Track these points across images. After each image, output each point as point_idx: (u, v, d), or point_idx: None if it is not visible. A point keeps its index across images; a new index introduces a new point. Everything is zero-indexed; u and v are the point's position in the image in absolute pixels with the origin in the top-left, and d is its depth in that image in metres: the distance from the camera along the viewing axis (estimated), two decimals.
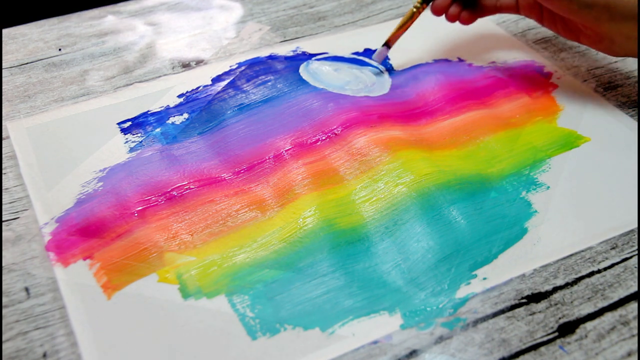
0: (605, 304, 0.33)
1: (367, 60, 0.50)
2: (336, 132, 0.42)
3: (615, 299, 0.33)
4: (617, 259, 0.35)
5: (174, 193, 0.38)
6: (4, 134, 0.43)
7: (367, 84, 0.48)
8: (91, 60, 0.50)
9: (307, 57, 0.50)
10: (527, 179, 0.40)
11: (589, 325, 0.32)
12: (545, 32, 0.53)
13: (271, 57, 0.50)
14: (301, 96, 0.45)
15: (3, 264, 0.34)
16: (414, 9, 0.46)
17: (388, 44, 0.48)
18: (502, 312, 0.33)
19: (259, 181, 0.39)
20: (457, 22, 0.47)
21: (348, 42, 0.52)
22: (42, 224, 0.36)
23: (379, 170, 0.39)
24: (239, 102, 0.45)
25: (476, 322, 0.32)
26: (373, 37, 0.53)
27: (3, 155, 0.41)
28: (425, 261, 0.35)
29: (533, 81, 0.48)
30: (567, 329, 0.32)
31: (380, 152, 0.40)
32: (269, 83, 0.47)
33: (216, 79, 0.48)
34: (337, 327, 0.32)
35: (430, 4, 0.46)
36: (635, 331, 0.32)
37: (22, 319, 0.32)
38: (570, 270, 0.35)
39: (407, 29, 0.47)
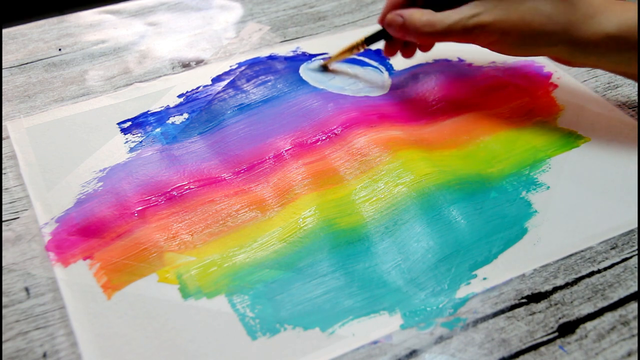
0: (605, 304, 0.33)
1: (367, 60, 0.50)
2: (336, 132, 0.42)
3: (615, 299, 0.33)
4: (617, 259, 0.35)
5: (174, 193, 0.38)
6: (4, 134, 0.43)
7: (367, 84, 0.48)
8: (91, 60, 0.50)
9: (307, 57, 0.50)
10: (527, 179, 0.40)
11: (589, 325, 0.32)
12: None
13: (271, 57, 0.50)
14: (301, 96, 0.45)
15: (3, 264, 0.34)
16: (356, 45, 0.46)
17: (325, 66, 0.49)
18: (502, 312, 0.33)
19: (259, 181, 0.39)
20: None
21: (348, 42, 0.52)
22: (42, 224, 0.36)
23: (379, 170, 0.39)
24: (239, 102, 0.45)
25: (476, 322, 0.32)
26: None
27: (3, 155, 0.41)
28: (425, 261, 0.35)
29: (533, 81, 0.48)
30: (567, 329, 0.32)
31: (380, 152, 0.40)
32: (269, 83, 0.47)
33: (216, 79, 0.48)
34: (337, 327, 0.32)
35: (384, 49, 0.46)
36: (635, 331, 0.32)
37: (22, 319, 0.32)
38: (570, 270, 0.35)
39: (343, 59, 0.48)
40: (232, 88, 0.47)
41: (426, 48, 0.46)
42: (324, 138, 0.42)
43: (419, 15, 0.40)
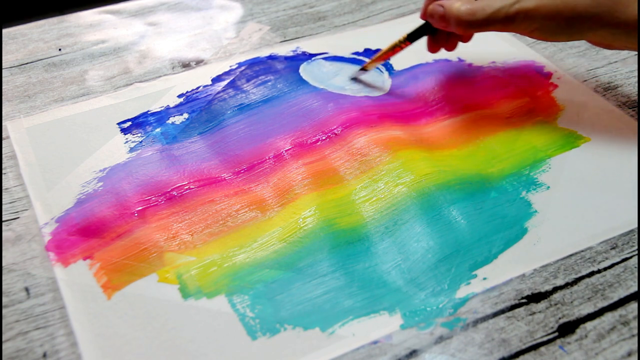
0: (605, 304, 0.33)
1: (367, 60, 0.50)
2: (336, 132, 0.42)
3: (615, 299, 0.33)
4: (617, 259, 0.35)
5: (174, 193, 0.38)
6: (4, 134, 0.43)
7: (367, 84, 0.48)
8: (91, 60, 0.50)
9: (307, 57, 0.50)
10: (527, 179, 0.40)
11: (589, 325, 0.32)
12: None
13: (271, 57, 0.50)
14: (301, 96, 0.45)
15: (3, 264, 0.34)
16: (398, 43, 0.45)
17: (365, 68, 0.48)
18: (502, 312, 0.33)
19: (259, 181, 0.39)
20: None
21: (348, 42, 0.52)
22: (42, 224, 0.36)
23: (379, 170, 0.39)
24: (239, 102, 0.45)
25: (476, 322, 0.32)
26: (373, 37, 0.53)
27: (3, 155, 0.41)
28: (425, 261, 0.35)
29: (533, 81, 0.48)
30: (567, 329, 0.32)
31: (380, 152, 0.40)
32: (269, 83, 0.47)
33: (216, 79, 0.48)
34: (337, 327, 0.32)
35: (427, 44, 0.46)
36: (635, 331, 0.32)
37: (22, 319, 0.32)
38: (570, 270, 0.35)
39: (386, 59, 0.47)
40: (232, 88, 0.47)
41: (467, 39, 0.46)
42: (324, 138, 0.42)
43: (459, 5, 0.40)
